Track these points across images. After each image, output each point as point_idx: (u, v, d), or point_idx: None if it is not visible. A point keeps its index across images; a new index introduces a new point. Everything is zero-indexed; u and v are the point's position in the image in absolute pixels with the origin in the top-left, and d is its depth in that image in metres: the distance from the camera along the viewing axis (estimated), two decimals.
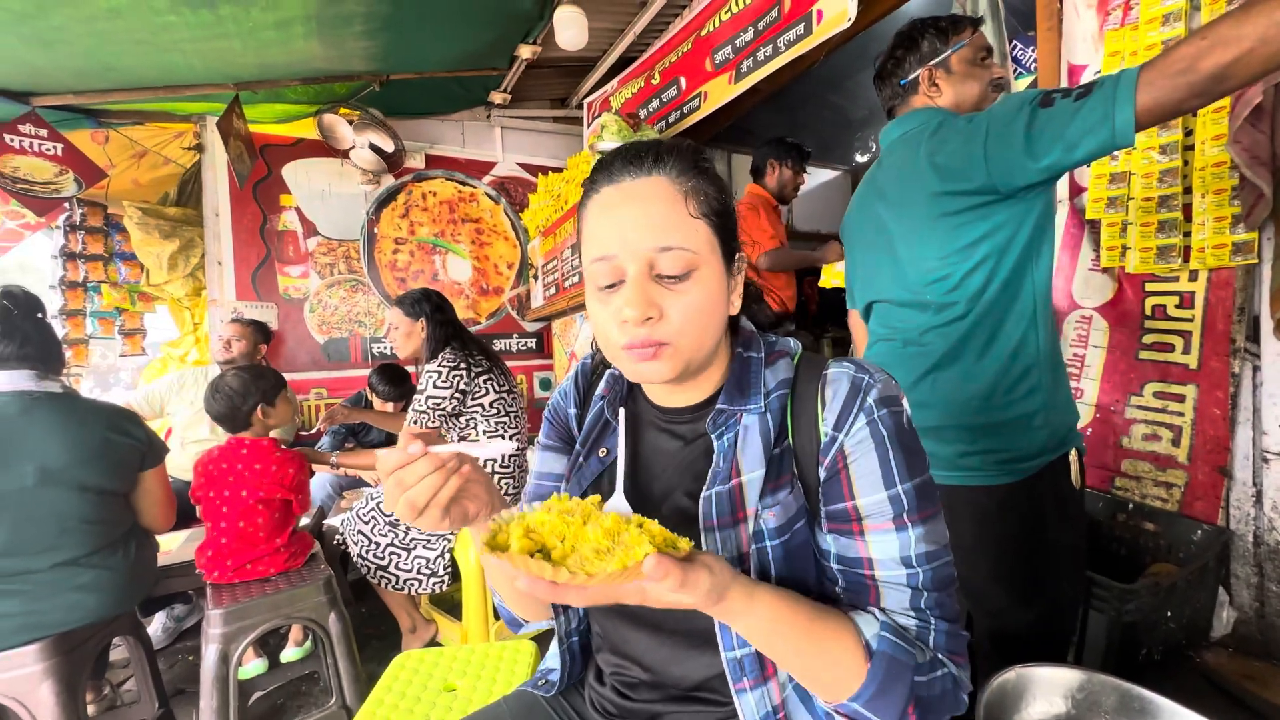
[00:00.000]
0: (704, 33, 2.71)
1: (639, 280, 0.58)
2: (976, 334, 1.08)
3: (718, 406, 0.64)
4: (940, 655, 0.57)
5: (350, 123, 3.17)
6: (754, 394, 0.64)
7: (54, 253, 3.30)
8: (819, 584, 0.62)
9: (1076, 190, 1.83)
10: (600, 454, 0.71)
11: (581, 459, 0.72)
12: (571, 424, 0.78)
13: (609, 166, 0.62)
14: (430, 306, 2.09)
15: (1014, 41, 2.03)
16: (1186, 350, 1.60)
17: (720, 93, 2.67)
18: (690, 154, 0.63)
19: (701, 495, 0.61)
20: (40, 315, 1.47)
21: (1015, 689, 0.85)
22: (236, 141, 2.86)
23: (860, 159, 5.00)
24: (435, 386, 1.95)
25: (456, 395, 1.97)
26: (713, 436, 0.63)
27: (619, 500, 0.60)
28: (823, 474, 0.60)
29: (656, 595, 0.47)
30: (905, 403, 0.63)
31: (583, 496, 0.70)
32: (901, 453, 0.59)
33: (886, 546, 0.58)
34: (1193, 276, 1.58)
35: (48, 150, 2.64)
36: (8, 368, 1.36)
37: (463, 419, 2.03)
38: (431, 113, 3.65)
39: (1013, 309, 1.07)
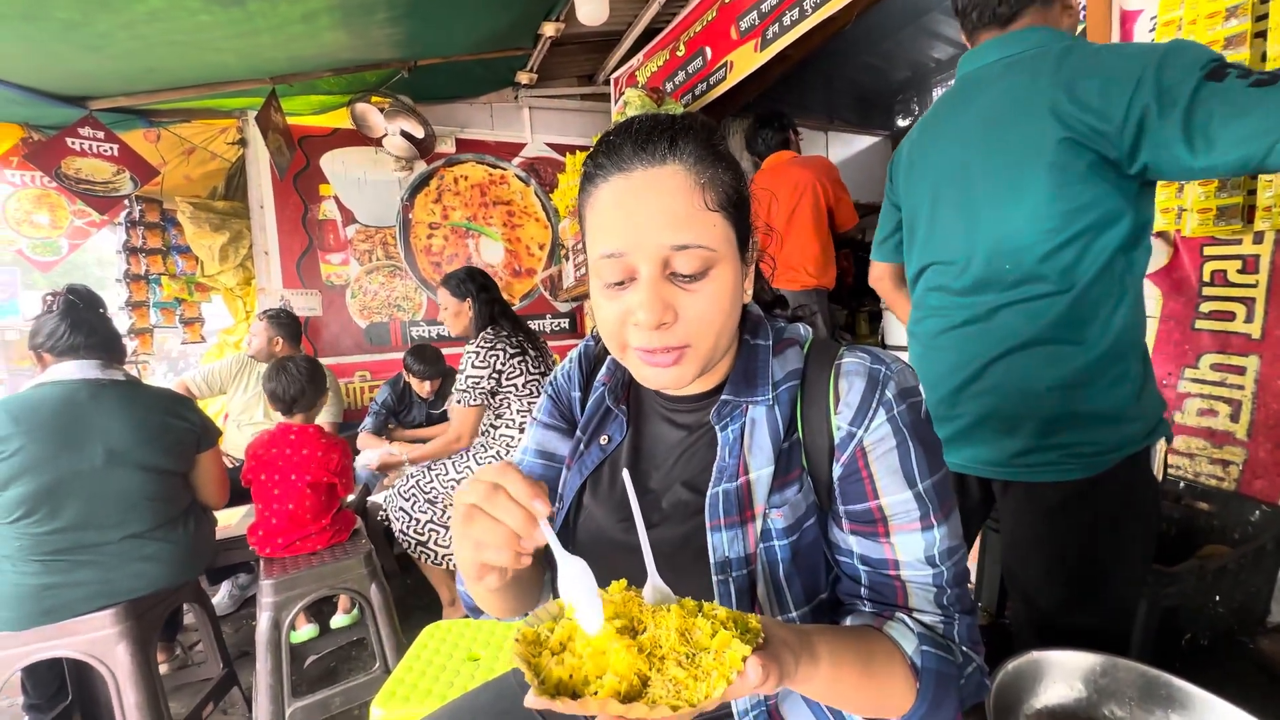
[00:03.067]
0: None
1: (653, 281, 0.54)
2: (1066, 316, 0.92)
3: (723, 397, 0.62)
4: (966, 649, 0.57)
5: (381, 110, 3.22)
6: (762, 385, 0.62)
7: (118, 248, 3.51)
8: (829, 581, 0.62)
9: None
10: (601, 441, 0.70)
11: (583, 446, 0.71)
12: (575, 407, 0.76)
13: (618, 150, 0.56)
14: (476, 286, 2.15)
15: None
16: (1249, 319, 1.49)
17: (746, 62, 2.59)
18: (705, 135, 0.58)
19: (709, 492, 0.59)
20: (102, 310, 1.58)
21: (1029, 673, 0.83)
22: (275, 134, 2.96)
23: (902, 122, 4.77)
24: (473, 366, 2.01)
25: (494, 374, 2.03)
26: (717, 428, 0.62)
27: (657, 581, 0.51)
28: (838, 470, 0.58)
29: (745, 694, 0.41)
30: (922, 391, 0.61)
31: (581, 488, 0.68)
32: (921, 448, 0.57)
33: (912, 547, 0.57)
34: (1257, 239, 1.46)
35: (105, 151, 2.80)
36: (77, 357, 1.48)
37: (498, 398, 2.09)
38: (459, 96, 3.67)
39: (1110, 290, 0.91)
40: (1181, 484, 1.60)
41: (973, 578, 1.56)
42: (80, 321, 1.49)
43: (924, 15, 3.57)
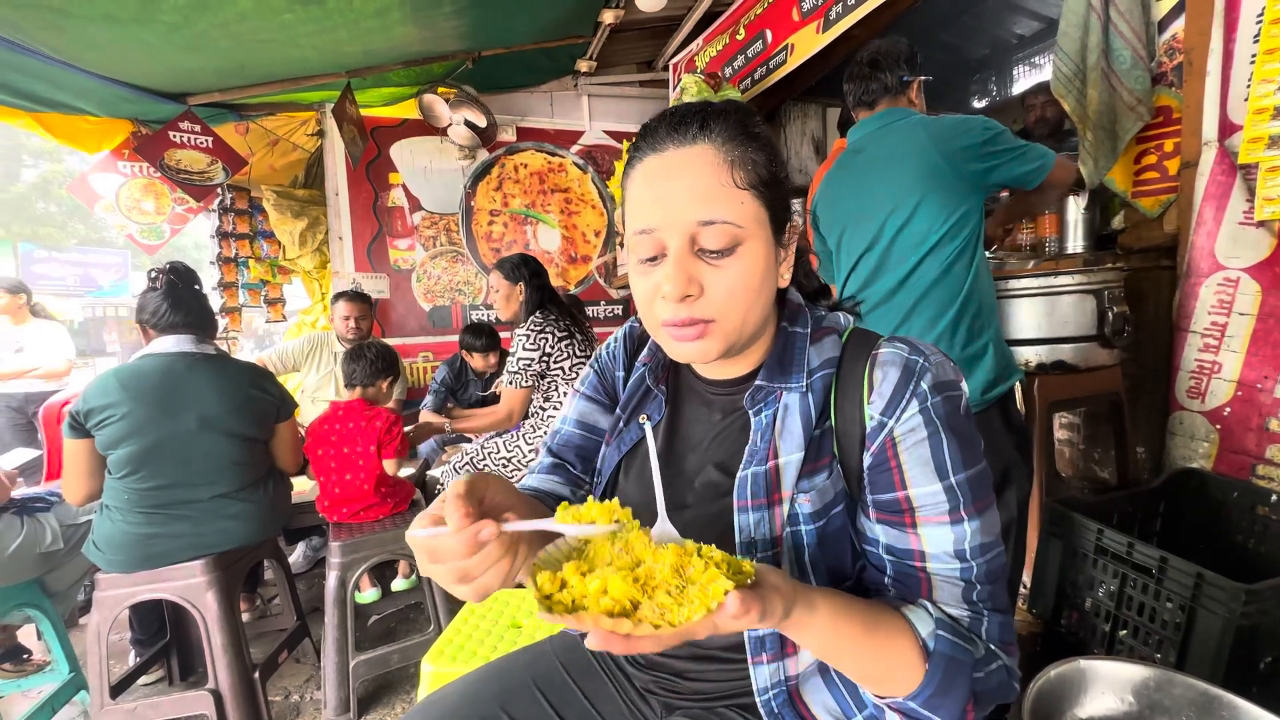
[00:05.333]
0: None
1: (680, 255, 0.56)
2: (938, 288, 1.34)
3: (757, 383, 0.63)
4: (994, 646, 0.56)
5: (447, 101, 3.34)
6: (796, 372, 0.62)
7: (211, 233, 3.83)
8: (856, 569, 0.61)
9: (1229, 129, 1.55)
10: (640, 420, 0.72)
11: (622, 424, 0.74)
12: (618, 385, 0.79)
13: (654, 133, 0.59)
14: (528, 272, 2.22)
15: None
16: None
17: (808, 44, 2.51)
18: (739, 118, 0.59)
19: (738, 475, 0.61)
20: (198, 288, 1.73)
21: (1073, 680, 0.80)
22: (350, 125, 3.13)
23: (977, 104, 4.50)
24: (524, 349, 2.09)
25: (544, 357, 2.10)
26: (750, 413, 0.63)
27: (665, 525, 0.54)
28: (868, 460, 0.58)
29: (728, 626, 0.43)
30: (964, 386, 0.59)
31: (618, 466, 0.72)
32: (956, 442, 0.56)
33: (940, 540, 0.56)
34: None
35: (201, 143, 3.05)
36: (176, 333, 1.63)
37: (546, 380, 2.15)
38: (521, 86, 3.75)
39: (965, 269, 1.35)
40: (1274, 496, 1.47)
41: (1027, 581, 1.50)
42: (179, 301, 1.64)
43: None
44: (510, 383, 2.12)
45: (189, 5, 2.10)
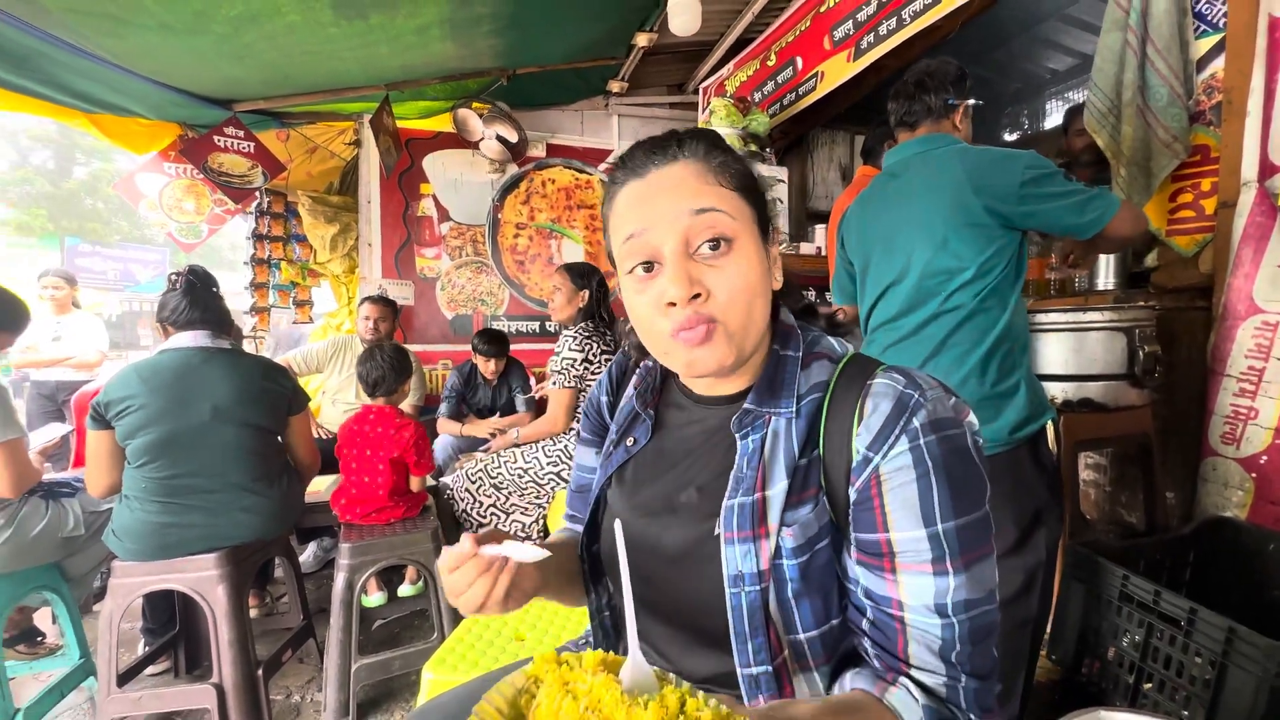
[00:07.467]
0: (824, 9, 2.58)
1: (678, 257, 0.56)
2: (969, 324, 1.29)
3: (745, 406, 0.61)
4: (974, 716, 0.52)
5: (481, 116, 3.42)
6: (786, 397, 0.60)
7: (247, 234, 3.94)
8: (841, 608, 0.58)
9: (1269, 170, 1.52)
10: (628, 443, 0.71)
11: (612, 447, 0.74)
12: (604, 412, 0.80)
13: (633, 159, 0.61)
14: (594, 281, 2.27)
15: None
16: None
17: (838, 72, 2.53)
18: (712, 138, 0.61)
19: (724, 504, 0.58)
20: (215, 289, 1.79)
21: None
22: (385, 136, 3.22)
23: (1008, 137, 4.48)
24: (570, 349, 2.11)
25: (586, 361, 2.11)
26: (737, 436, 0.60)
27: (637, 658, 0.49)
28: (853, 495, 0.55)
29: None
30: (968, 425, 0.55)
31: (607, 484, 0.71)
32: (948, 486, 0.52)
33: (920, 591, 0.52)
34: None
35: (244, 148, 3.16)
36: (193, 328, 1.69)
37: (584, 383, 2.16)
38: (553, 103, 3.83)
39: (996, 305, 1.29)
40: None
41: (1048, 627, 1.44)
42: (197, 299, 1.71)
43: (1039, 23, 3.35)
44: (554, 383, 2.15)
45: (240, 17, 2.19)
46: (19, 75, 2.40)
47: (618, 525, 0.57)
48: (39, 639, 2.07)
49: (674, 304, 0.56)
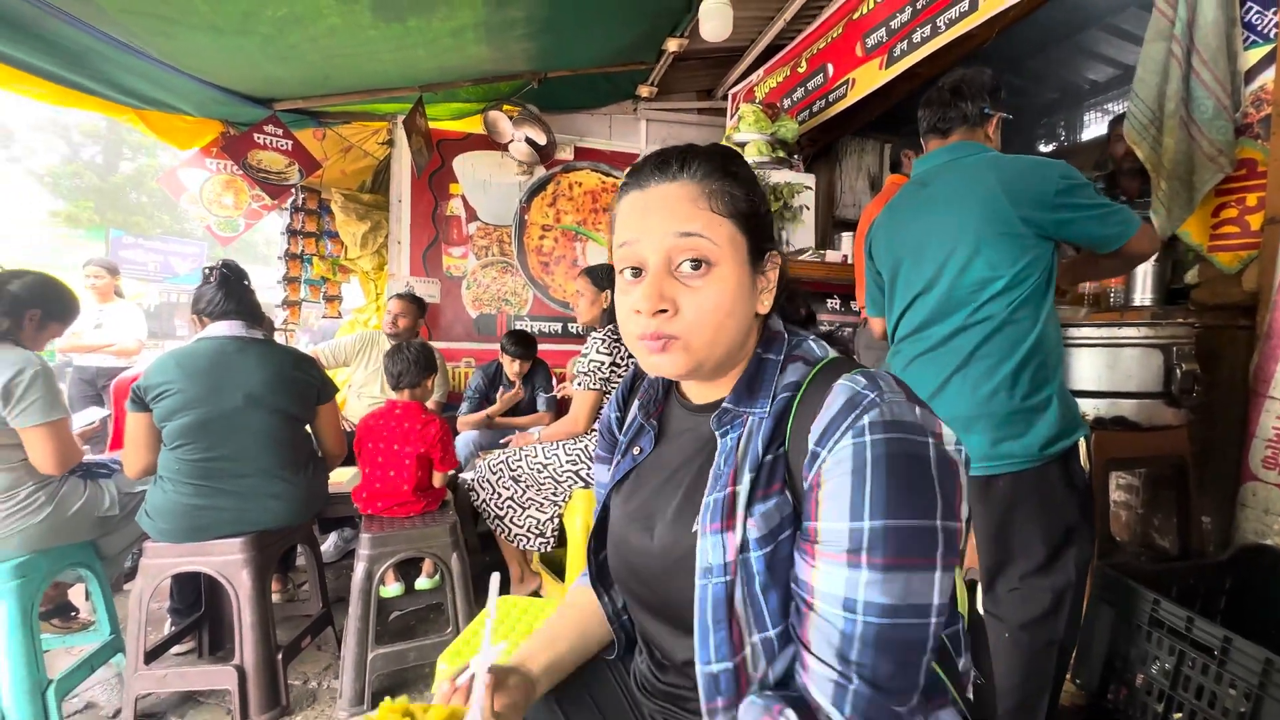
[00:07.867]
0: (857, 15, 2.56)
1: (656, 273, 0.60)
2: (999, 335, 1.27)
3: (723, 406, 0.64)
4: None
5: (511, 118, 3.47)
6: (762, 396, 0.63)
7: (282, 229, 4.05)
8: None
9: None
10: (634, 453, 0.75)
11: (619, 456, 0.77)
12: (615, 429, 0.83)
13: (640, 171, 0.65)
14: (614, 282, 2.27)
15: (1248, 3, 1.66)
16: None
17: (869, 79, 2.51)
18: (720, 160, 0.63)
19: (703, 501, 0.61)
20: (247, 282, 1.85)
21: None
22: (418, 137, 3.28)
23: (1043, 148, 4.39)
24: (597, 351, 2.12)
25: (612, 365, 2.12)
26: (717, 435, 0.64)
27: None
28: (804, 487, 0.57)
29: None
30: (936, 436, 0.54)
31: (616, 487, 0.75)
32: (884, 486, 0.51)
33: (830, 580, 0.52)
34: None
35: (282, 146, 3.25)
36: (228, 319, 1.75)
37: (609, 386, 2.17)
38: (582, 107, 3.86)
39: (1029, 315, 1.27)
40: None
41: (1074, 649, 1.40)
42: (231, 292, 1.77)
43: (1078, 32, 3.28)
44: (579, 385, 2.15)
45: (284, 19, 2.26)
46: (74, 71, 2.51)
47: (494, 580, 0.66)
48: (73, 614, 2.14)
49: (640, 312, 0.60)
